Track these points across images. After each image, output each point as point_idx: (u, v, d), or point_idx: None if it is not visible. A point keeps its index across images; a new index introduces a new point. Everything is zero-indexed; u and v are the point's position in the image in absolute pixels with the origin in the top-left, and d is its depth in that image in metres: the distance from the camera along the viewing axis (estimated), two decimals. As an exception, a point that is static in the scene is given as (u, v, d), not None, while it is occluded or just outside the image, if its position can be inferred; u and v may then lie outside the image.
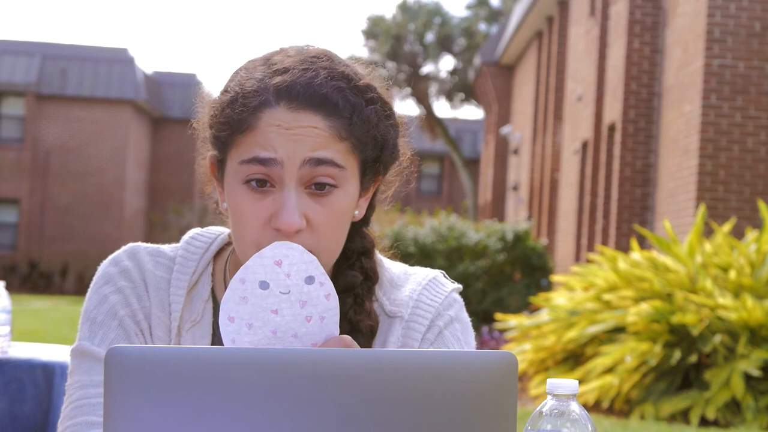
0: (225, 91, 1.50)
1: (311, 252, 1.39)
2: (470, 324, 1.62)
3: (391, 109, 1.53)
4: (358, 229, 1.58)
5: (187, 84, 35.92)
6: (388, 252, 1.66)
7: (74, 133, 32.27)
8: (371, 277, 1.56)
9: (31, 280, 30.48)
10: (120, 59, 33.04)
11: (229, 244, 1.61)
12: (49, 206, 32.03)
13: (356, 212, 1.53)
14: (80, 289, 30.71)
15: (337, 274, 1.55)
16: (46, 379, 2.94)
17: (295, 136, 1.43)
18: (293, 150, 1.42)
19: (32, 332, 12.94)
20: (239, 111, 1.45)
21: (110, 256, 1.57)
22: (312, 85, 1.44)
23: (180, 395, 1.08)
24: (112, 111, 32.41)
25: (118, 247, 1.60)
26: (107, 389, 1.08)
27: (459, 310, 1.60)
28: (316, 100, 1.44)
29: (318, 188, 1.44)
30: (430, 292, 1.59)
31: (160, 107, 34.88)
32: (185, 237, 1.61)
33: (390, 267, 1.62)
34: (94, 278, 1.56)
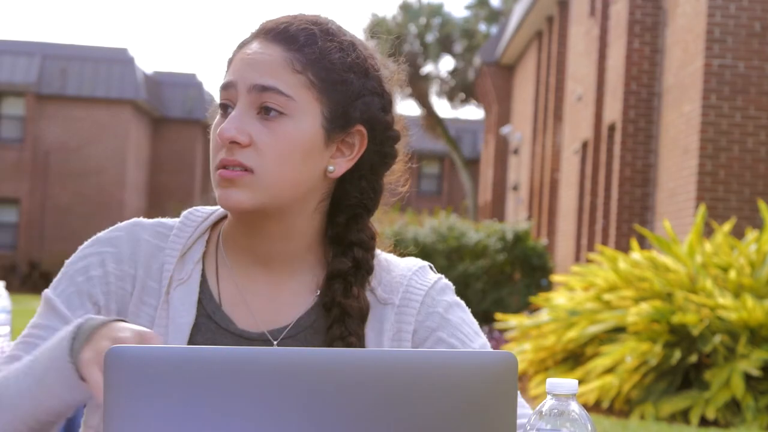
0: None
1: (252, 171, 1.48)
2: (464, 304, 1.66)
3: (374, 71, 1.57)
4: (357, 218, 1.59)
5: (187, 84, 35.95)
6: (389, 249, 1.67)
7: (74, 133, 32.27)
8: (363, 266, 1.58)
9: (31, 280, 30.48)
10: (120, 59, 33.04)
11: (226, 216, 1.64)
12: (49, 206, 32.03)
13: (330, 167, 1.55)
14: (80, 289, 30.68)
15: (331, 261, 1.58)
16: (46, 379, 2.93)
17: (251, 60, 1.52)
18: (246, 72, 1.51)
19: (32, 332, 12.90)
20: (231, 55, 1.57)
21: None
22: (289, 27, 1.54)
23: (180, 395, 1.08)
24: (112, 111, 32.42)
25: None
26: (107, 389, 1.08)
27: (453, 293, 1.65)
28: (284, 36, 1.53)
29: (265, 112, 1.50)
30: (419, 277, 1.62)
31: (160, 107, 34.88)
32: (185, 211, 1.67)
33: (379, 253, 1.64)
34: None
